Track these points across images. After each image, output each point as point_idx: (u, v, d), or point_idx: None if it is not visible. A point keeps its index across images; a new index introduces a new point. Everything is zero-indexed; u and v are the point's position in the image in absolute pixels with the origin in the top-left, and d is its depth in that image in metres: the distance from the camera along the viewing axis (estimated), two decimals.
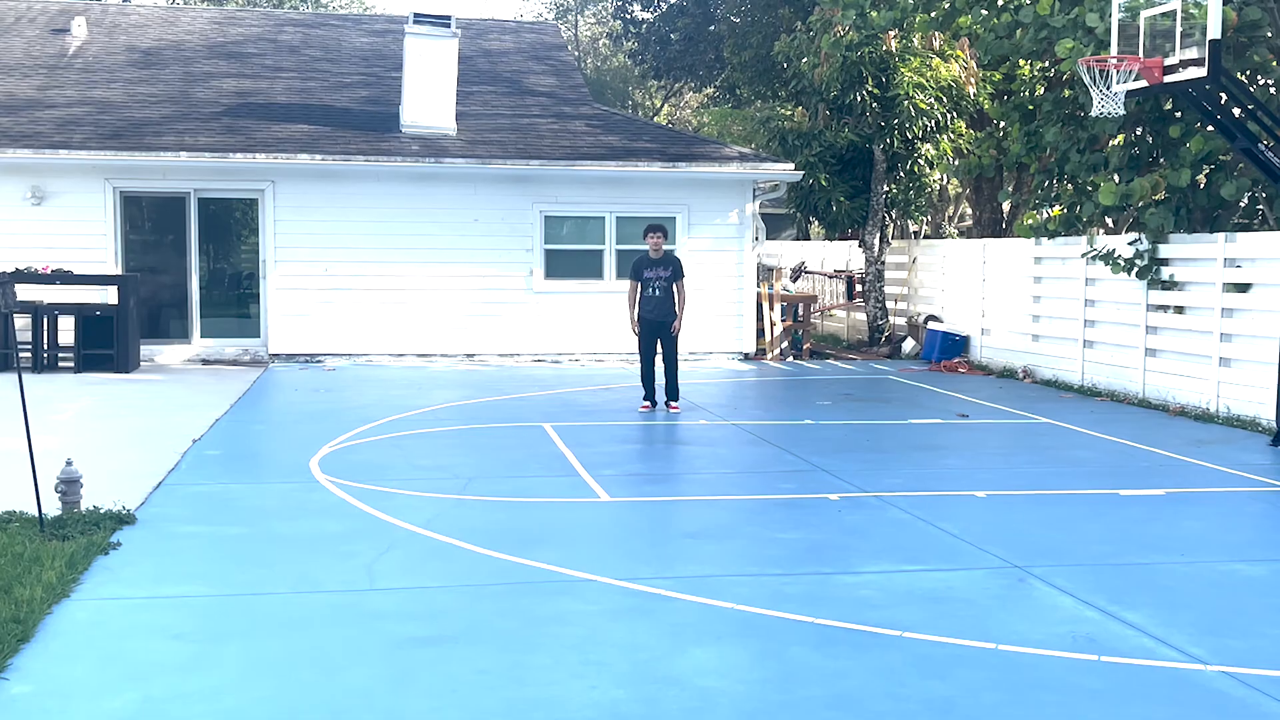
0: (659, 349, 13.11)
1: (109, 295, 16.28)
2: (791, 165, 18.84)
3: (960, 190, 27.57)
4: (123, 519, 7.62)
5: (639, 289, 12.82)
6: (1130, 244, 14.60)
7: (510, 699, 4.90)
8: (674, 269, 12.77)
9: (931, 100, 19.76)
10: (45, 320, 15.61)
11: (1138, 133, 15.68)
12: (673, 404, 12.97)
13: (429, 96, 18.76)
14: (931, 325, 19.42)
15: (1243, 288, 12.96)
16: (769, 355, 19.23)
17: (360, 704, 4.84)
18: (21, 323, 16.09)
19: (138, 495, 8.40)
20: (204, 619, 5.84)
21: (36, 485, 7.27)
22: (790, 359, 19.27)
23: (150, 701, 4.82)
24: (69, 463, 7.78)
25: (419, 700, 4.88)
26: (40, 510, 7.25)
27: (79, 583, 6.33)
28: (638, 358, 13.36)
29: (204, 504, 8.34)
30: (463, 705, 4.84)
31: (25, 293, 15.97)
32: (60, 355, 15.84)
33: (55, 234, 16.93)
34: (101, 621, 5.77)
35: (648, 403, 13.02)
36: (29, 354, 15.69)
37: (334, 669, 5.21)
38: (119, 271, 17.11)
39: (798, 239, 30.52)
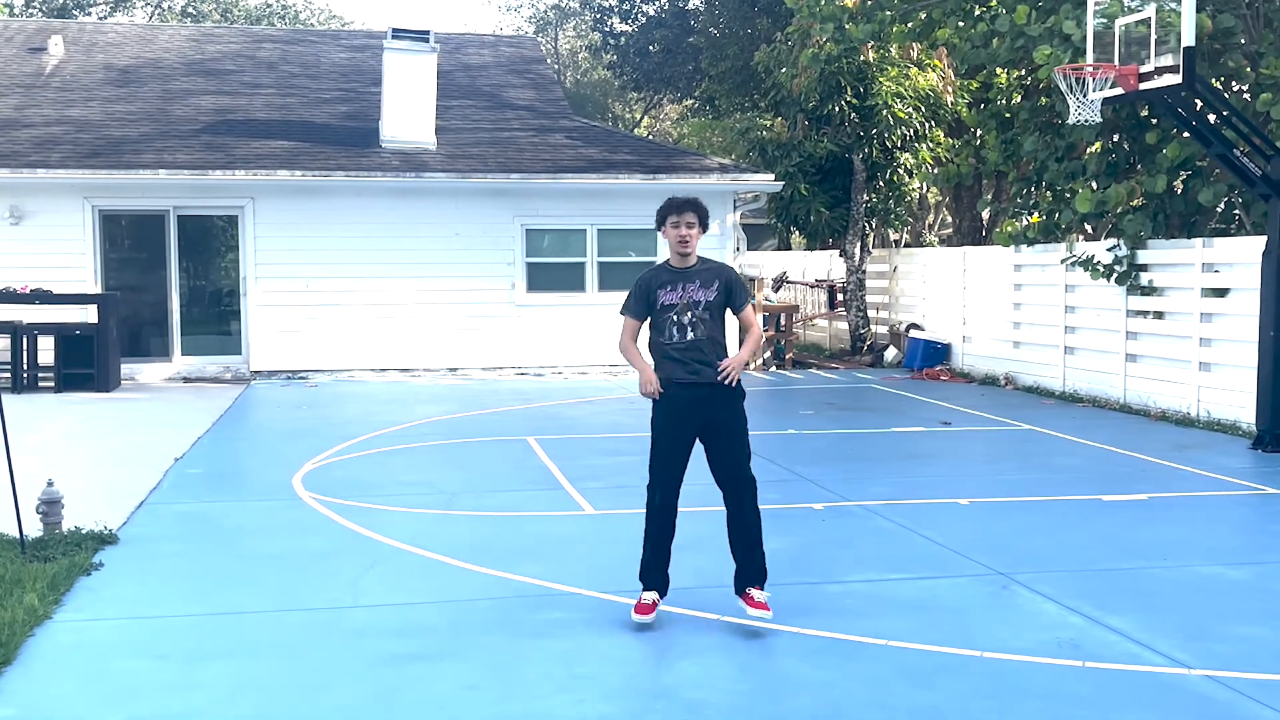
0: (695, 459, 6.16)
1: (89, 314, 16.20)
2: (771, 176, 18.89)
3: (940, 198, 27.69)
4: (105, 539, 7.57)
5: (652, 331, 6.13)
6: (1109, 250, 14.69)
7: (497, 715, 4.89)
8: (723, 286, 6.02)
9: (910, 109, 19.87)
10: (25, 340, 15.51)
11: (1115, 140, 15.77)
12: (754, 594, 5.95)
13: (408, 111, 18.74)
14: (913, 333, 19.49)
15: (1221, 292, 13.05)
16: (752, 365, 19.26)
17: None
18: (0, 343, 15.98)
19: (120, 515, 8.35)
20: (187, 639, 5.81)
21: (17, 506, 7.22)
22: (773, 369, 19.30)
23: None
24: (50, 483, 7.73)
25: (406, 718, 4.86)
26: (21, 531, 7.20)
27: (61, 604, 6.28)
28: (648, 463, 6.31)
29: (186, 523, 8.30)
30: None
31: (4, 313, 15.87)
32: (40, 375, 15.74)
33: (34, 253, 16.83)
34: (84, 643, 5.73)
35: (651, 595, 6.01)
36: (8, 374, 15.59)
37: (319, 688, 5.18)
38: (99, 290, 17.03)
39: (779, 249, 30.57)
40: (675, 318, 5.97)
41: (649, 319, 6.09)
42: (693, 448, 6.09)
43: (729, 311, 6.07)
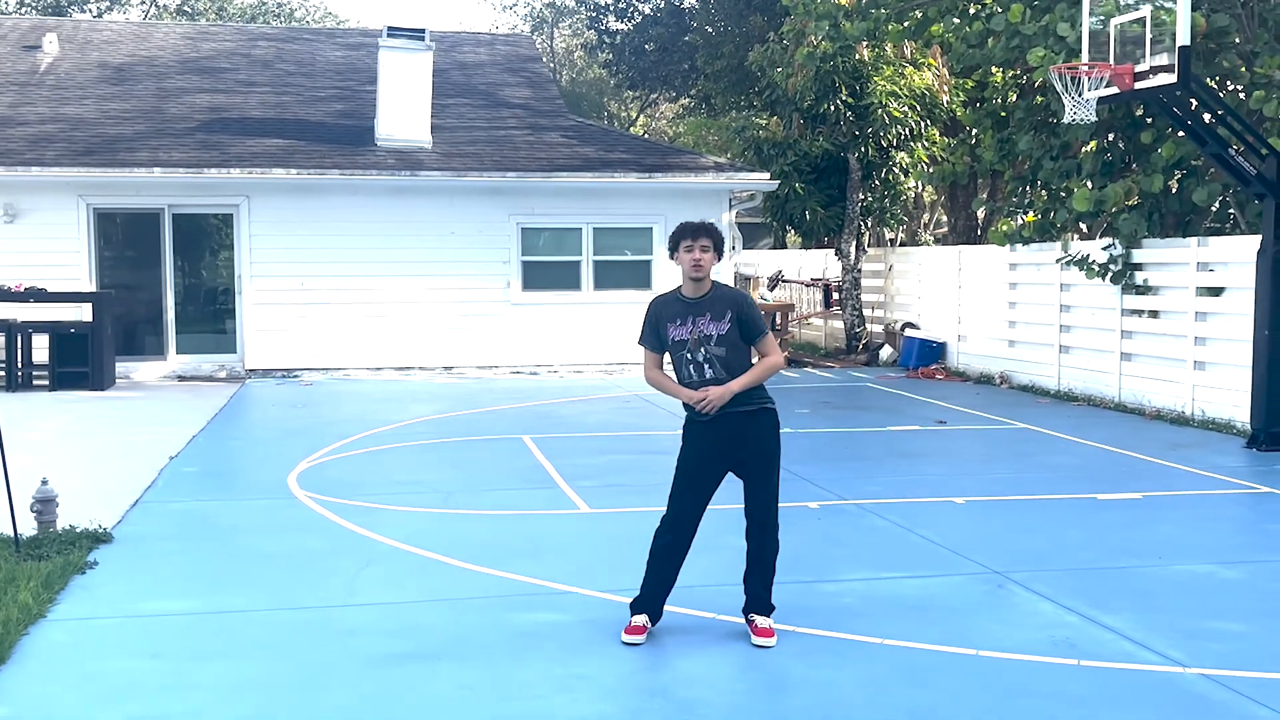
0: (714, 497, 5.98)
1: (84, 313, 16.15)
2: (767, 175, 18.90)
3: (935, 197, 27.71)
4: (99, 538, 7.55)
5: (674, 369, 5.92)
6: (1104, 249, 14.70)
7: (494, 715, 4.88)
8: (735, 318, 5.75)
9: (905, 108, 19.87)
10: (19, 338, 15.49)
11: (1110, 139, 15.78)
12: (759, 622, 5.83)
13: (404, 110, 18.73)
14: (908, 332, 19.49)
15: (1216, 291, 13.06)
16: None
17: None
18: None
19: (114, 513, 8.34)
20: (183, 638, 5.80)
21: (11, 505, 7.21)
22: None
23: None
24: (44, 481, 7.72)
25: (402, 717, 4.86)
26: (15, 530, 7.18)
27: (56, 603, 6.27)
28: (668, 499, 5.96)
29: (181, 521, 8.29)
30: None
31: None
32: (35, 373, 15.71)
33: (29, 251, 16.80)
34: (79, 642, 5.72)
35: (641, 619, 5.82)
36: (3, 372, 15.56)
37: (315, 687, 5.17)
38: (93, 288, 17.00)
39: (774, 248, 30.59)
40: (689, 355, 5.75)
41: (667, 353, 5.88)
42: (717, 486, 5.88)
43: (750, 338, 5.78)
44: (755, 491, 5.89)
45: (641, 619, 5.82)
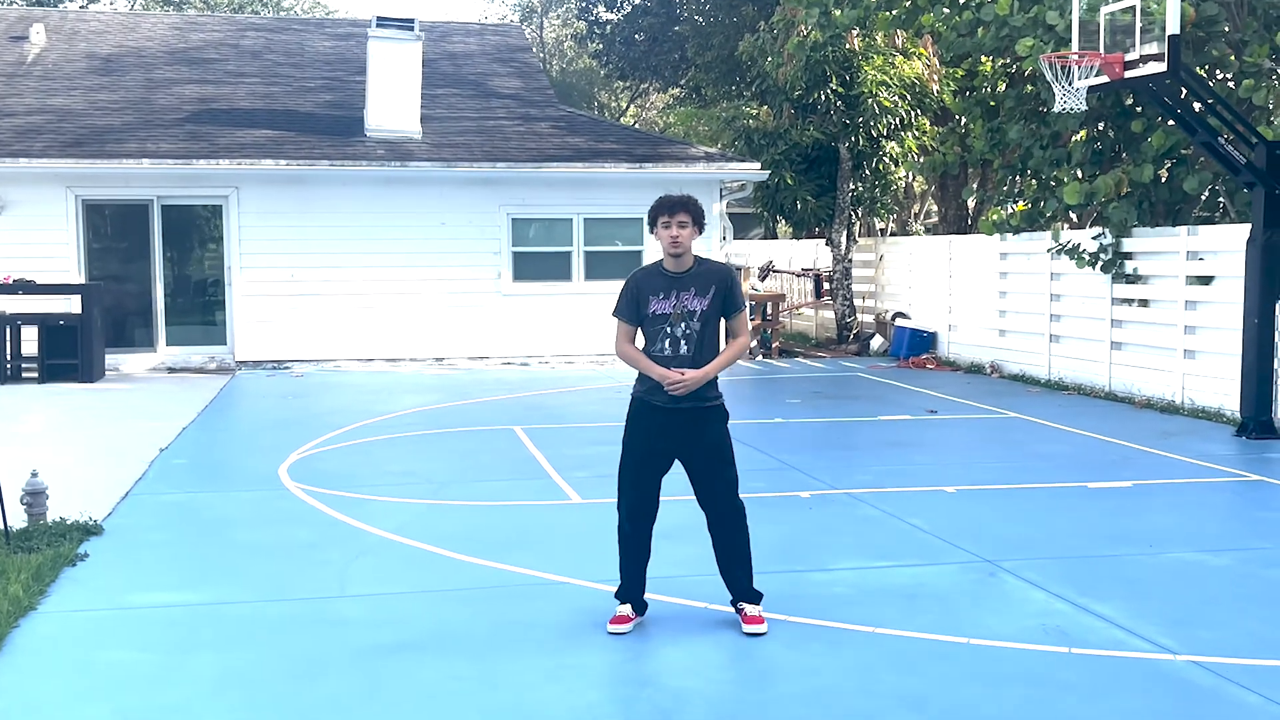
0: (670, 484, 5.94)
1: (73, 304, 16.10)
2: (758, 165, 18.88)
3: (925, 187, 27.72)
4: (90, 530, 7.54)
5: (645, 338, 5.81)
6: (1094, 238, 14.72)
7: (484, 705, 4.89)
8: (719, 293, 5.69)
9: (895, 98, 19.87)
10: (8, 330, 15.43)
11: (1100, 128, 15.80)
12: (747, 610, 5.80)
13: (393, 100, 18.68)
14: (899, 322, 19.52)
15: (1205, 280, 13.09)
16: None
17: (333, 714, 4.81)
18: None
19: (105, 506, 8.32)
20: (174, 630, 5.79)
21: (1, 497, 7.18)
22: (759, 358, 19.31)
23: (121, 715, 4.78)
24: (34, 474, 7.70)
25: (392, 709, 4.85)
26: (5, 523, 7.16)
27: (46, 595, 6.26)
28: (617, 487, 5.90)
29: (172, 514, 8.27)
30: (436, 713, 4.82)
31: None
32: (24, 366, 15.65)
33: (17, 243, 16.72)
34: (69, 634, 5.71)
35: (626, 609, 5.82)
36: None
37: (306, 679, 5.17)
38: (82, 280, 16.93)
39: (765, 238, 30.59)
40: (669, 329, 5.64)
41: (641, 324, 5.75)
42: (666, 471, 5.80)
43: (728, 313, 5.74)
44: (712, 484, 5.79)
45: (626, 609, 5.81)
